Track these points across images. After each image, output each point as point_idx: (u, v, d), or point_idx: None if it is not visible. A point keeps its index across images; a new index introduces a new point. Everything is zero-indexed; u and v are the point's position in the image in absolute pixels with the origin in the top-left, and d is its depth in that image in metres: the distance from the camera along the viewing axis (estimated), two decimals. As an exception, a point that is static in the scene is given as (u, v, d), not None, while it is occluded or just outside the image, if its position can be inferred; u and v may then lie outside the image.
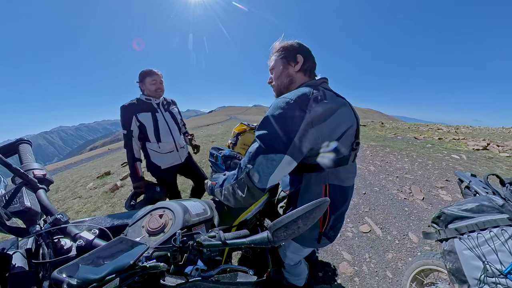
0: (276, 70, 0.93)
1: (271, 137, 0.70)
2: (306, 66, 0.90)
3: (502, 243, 0.73)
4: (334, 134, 0.75)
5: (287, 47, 0.91)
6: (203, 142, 7.59)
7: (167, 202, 0.76)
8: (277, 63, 0.92)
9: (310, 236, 0.90)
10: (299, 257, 1.15)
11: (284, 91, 0.92)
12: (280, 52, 0.91)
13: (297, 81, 0.91)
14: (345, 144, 0.79)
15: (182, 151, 1.87)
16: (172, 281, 0.49)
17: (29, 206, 0.55)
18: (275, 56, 0.93)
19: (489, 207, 0.83)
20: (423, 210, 2.56)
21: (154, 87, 1.61)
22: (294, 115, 0.70)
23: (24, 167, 0.68)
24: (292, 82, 0.91)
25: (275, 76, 0.94)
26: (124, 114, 1.60)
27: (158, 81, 1.62)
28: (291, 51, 0.89)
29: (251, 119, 24.91)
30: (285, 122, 0.70)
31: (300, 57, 0.89)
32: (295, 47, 0.90)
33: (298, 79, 0.91)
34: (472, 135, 8.30)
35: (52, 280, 0.37)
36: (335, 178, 0.83)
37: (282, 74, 0.92)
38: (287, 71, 0.91)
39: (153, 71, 1.60)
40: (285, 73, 0.91)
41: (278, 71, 0.92)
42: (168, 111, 1.78)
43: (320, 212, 0.47)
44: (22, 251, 0.53)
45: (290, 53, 0.89)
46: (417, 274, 1.24)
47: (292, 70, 0.90)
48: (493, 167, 3.92)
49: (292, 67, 0.90)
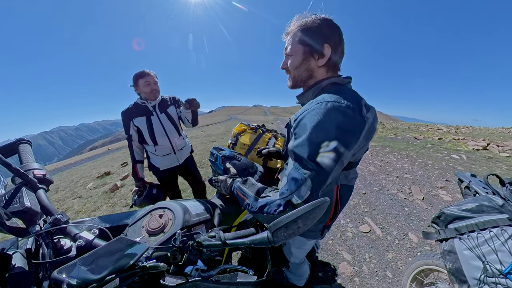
0: (294, 58, 0.74)
1: (328, 160, 0.56)
2: (332, 60, 0.71)
3: (502, 243, 0.73)
4: (364, 142, 0.66)
5: (312, 29, 0.68)
6: (203, 142, 7.59)
7: (167, 202, 0.76)
8: (296, 49, 0.72)
9: (315, 229, 0.91)
10: (304, 252, 1.15)
11: (300, 84, 0.79)
12: (302, 34, 0.69)
13: (317, 76, 0.75)
14: (364, 149, 0.73)
15: (180, 153, 1.84)
16: (172, 281, 0.49)
17: (29, 206, 0.55)
18: (295, 36, 0.72)
19: (489, 207, 0.83)
20: (423, 210, 2.56)
21: (148, 89, 1.57)
22: (356, 127, 0.59)
23: (24, 167, 0.67)
24: (311, 77, 0.75)
25: (292, 65, 0.75)
26: (124, 119, 1.66)
27: (151, 82, 1.57)
28: (317, 37, 0.68)
29: (251, 119, 24.92)
30: (345, 135, 0.57)
31: (328, 48, 0.69)
32: (323, 31, 0.68)
33: (319, 75, 0.74)
34: (472, 135, 8.30)
35: (52, 280, 0.37)
36: (345, 178, 0.82)
37: (301, 67, 0.74)
38: (307, 64, 0.72)
39: (145, 72, 1.56)
40: (304, 66, 0.73)
41: (297, 61, 0.73)
42: (164, 112, 1.72)
43: (320, 212, 0.47)
44: (22, 251, 0.53)
45: (316, 40, 0.68)
46: (417, 274, 1.24)
47: (314, 64, 0.72)
48: (493, 167, 3.92)
49: (315, 60, 0.71)
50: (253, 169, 1.15)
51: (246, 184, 0.79)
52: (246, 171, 1.11)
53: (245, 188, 0.76)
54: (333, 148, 0.56)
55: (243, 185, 0.79)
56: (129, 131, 1.66)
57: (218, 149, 1.22)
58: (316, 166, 0.56)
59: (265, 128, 1.51)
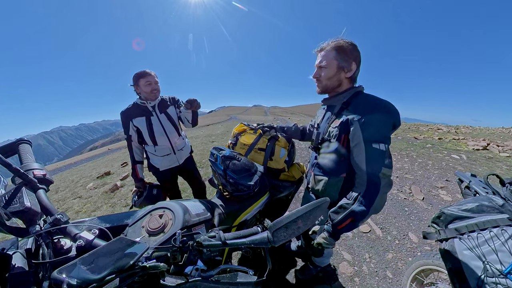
0: (328, 70, 0.93)
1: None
2: (355, 74, 0.94)
3: (502, 243, 0.73)
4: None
5: (345, 50, 0.90)
6: (203, 142, 7.59)
7: (167, 202, 0.76)
8: (331, 63, 0.92)
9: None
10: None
11: (329, 91, 0.99)
12: (337, 53, 0.90)
13: (343, 86, 0.96)
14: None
15: (180, 153, 1.83)
16: (172, 281, 0.49)
17: (29, 206, 0.55)
18: (330, 54, 0.92)
19: (489, 207, 0.83)
20: (423, 210, 2.56)
21: (149, 88, 1.57)
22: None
23: (24, 167, 0.68)
24: (338, 86, 0.96)
25: (326, 76, 0.95)
26: (123, 120, 1.66)
27: (152, 81, 1.57)
28: (348, 56, 0.90)
29: (251, 119, 24.92)
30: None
31: (354, 65, 0.91)
32: (353, 53, 0.90)
33: (344, 85, 0.96)
34: (472, 135, 8.30)
35: (52, 280, 0.37)
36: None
37: (334, 77, 0.94)
38: (339, 75, 0.93)
39: (146, 72, 1.56)
40: (336, 77, 0.94)
41: (331, 73, 0.93)
42: (164, 113, 1.71)
43: (320, 212, 0.47)
44: (22, 251, 0.53)
45: (347, 59, 0.90)
46: (417, 274, 1.24)
47: (343, 76, 0.93)
48: (493, 167, 3.92)
49: (344, 73, 0.92)
50: (253, 169, 1.15)
51: (335, 216, 0.90)
52: (246, 171, 1.11)
53: (340, 216, 0.88)
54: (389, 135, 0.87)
55: (336, 217, 0.89)
56: (128, 131, 1.66)
57: (218, 149, 1.22)
58: (386, 145, 0.84)
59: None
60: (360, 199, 0.84)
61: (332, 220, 0.91)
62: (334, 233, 0.91)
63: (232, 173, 1.08)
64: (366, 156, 0.83)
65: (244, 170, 1.11)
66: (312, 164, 1.13)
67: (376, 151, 0.81)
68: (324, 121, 1.06)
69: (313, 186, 1.11)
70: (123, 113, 1.66)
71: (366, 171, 0.83)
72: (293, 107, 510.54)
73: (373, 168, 0.82)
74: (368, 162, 0.83)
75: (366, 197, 0.83)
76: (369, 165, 0.83)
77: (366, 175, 0.84)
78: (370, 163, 0.83)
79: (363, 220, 0.84)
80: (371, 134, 0.82)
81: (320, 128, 1.08)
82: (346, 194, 0.93)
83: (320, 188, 1.05)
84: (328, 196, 1.00)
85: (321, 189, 1.04)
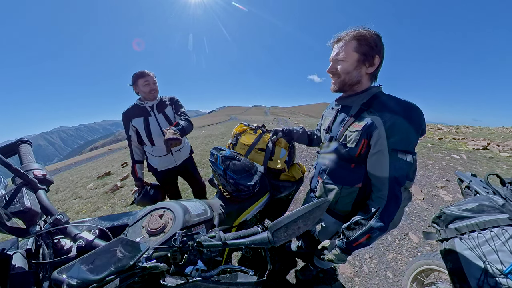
0: (347, 64, 0.79)
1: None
2: (377, 71, 0.82)
3: (502, 243, 0.73)
4: None
5: (368, 41, 0.76)
6: (203, 143, 7.58)
7: (167, 202, 0.76)
8: (350, 55, 0.78)
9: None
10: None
11: (346, 88, 0.85)
12: (359, 44, 0.76)
13: (363, 83, 0.83)
14: None
15: (177, 154, 1.82)
16: (172, 281, 0.49)
17: (29, 207, 0.55)
18: (350, 44, 0.78)
19: (489, 207, 0.83)
20: (424, 210, 2.56)
21: (147, 88, 1.58)
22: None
23: (24, 168, 0.68)
24: (358, 83, 0.83)
25: (344, 70, 0.81)
26: (123, 120, 1.69)
27: (151, 81, 1.59)
28: (371, 48, 0.76)
29: (251, 119, 24.94)
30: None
31: (378, 59, 0.78)
32: (377, 45, 0.76)
33: (364, 82, 0.83)
34: (472, 135, 8.29)
35: (52, 280, 0.37)
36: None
37: (353, 72, 0.80)
38: (359, 70, 0.80)
39: (145, 72, 1.58)
40: (357, 71, 0.80)
41: (350, 66, 0.79)
42: (162, 113, 1.71)
43: (320, 212, 0.47)
44: (22, 252, 0.53)
45: (370, 51, 0.76)
46: (417, 274, 1.24)
47: (364, 71, 0.80)
48: (494, 167, 3.92)
49: (365, 67, 0.79)
50: (253, 170, 1.15)
51: (350, 233, 0.83)
52: (246, 171, 1.11)
53: (356, 234, 0.81)
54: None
55: (351, 234, 0.83)
56: (128, 131, 1.69)
57: (218, 149, 1.22)
58: (414, 157, 0.76)
59: (265, 129, 1.51)
60: (378, 215, 0.76)
61: (347, 237, 0.83)
62: (347, 250, 0.85)
63: (232, 173, 1.08)
64: (390, 167, 0.73)
65: (244, 170, 1.11)
66: (321, 170, 1.01)
67: (403, 163, 0.72)
68: (337, 123, 0.93)
69: (320, 194, 1.02)
70: (124, 113, 1.68)
71: (389, 184, 0.74)
72: (293, 107, 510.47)
73: (397, 181, 0.73)
74: (392, 174, 0.73)
75: (386, 212, 0.75)
76: (392, 177, 0.73)
77: (388, 189, 0.74)
78: (393, 175, 0.73)
79: (380, 236, 0.78)
80: (397, 142, 0.72)
81: (332, 132, 0.95)
82: (360, 206, 0.86)
83: (331, 199, 0.94)
84: (340, 208, 0.95)
85: (332, 199, 0.94)
